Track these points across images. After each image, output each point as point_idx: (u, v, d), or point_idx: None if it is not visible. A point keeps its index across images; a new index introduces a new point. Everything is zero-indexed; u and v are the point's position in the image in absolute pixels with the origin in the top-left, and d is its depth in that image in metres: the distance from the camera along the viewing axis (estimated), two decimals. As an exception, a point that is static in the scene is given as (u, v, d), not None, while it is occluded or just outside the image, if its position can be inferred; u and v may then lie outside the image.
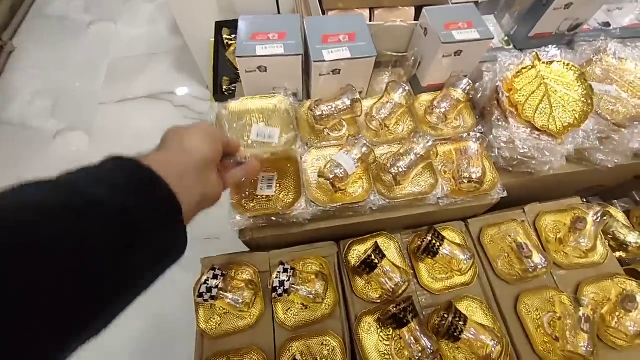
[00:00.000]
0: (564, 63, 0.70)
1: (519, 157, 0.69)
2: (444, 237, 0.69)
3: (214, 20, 1.21)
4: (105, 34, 1.85)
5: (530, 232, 0.73)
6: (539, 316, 0.67)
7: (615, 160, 0.73)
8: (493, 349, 0.59)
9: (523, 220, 0.76)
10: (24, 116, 1.56)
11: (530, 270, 0.68)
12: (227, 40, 1.20)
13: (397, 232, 0.76)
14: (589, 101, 0.67)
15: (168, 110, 1.56)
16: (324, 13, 0.79)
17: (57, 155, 1.45)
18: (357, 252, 0.72)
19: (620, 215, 0.85)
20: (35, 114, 1.56)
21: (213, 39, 1.22)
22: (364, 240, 0.73)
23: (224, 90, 1.13)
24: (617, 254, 0.80)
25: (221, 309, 0.66)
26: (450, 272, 0.71)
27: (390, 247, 0.73)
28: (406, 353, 0.61)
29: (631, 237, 0.78)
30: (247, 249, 0.77)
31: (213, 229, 1.24)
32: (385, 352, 0.63)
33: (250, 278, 0.69)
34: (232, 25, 1.18)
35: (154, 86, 1.64)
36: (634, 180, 0.96)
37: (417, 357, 0.58)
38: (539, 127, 0.67)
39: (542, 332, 0.65)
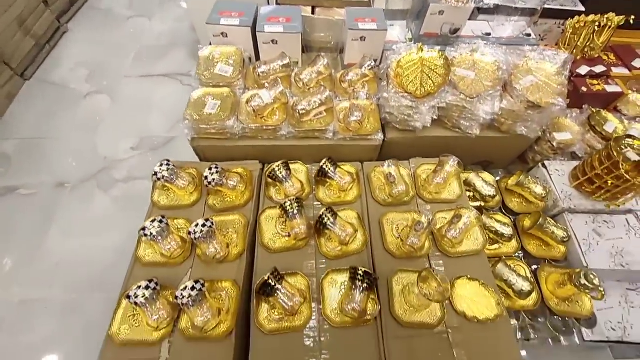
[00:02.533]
0: (437, 51, 0.98)
1: (395, 113, 0.96)
2: (338, 165, 0.94)
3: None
4: (140, 26, 2.29)
5: (402, 171, 0.98)
6: (395, 226, 0.90)
7: (474, 130, 0.99)
8: (350, 235, 0.83)
9: (406, 167, 1.00)
10: (65, 79, 1.96)
11: (394, 193, 0.92)
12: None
13: (310, 163, 1.02)
14: (446, 78, 0.94)
15: (176, 87, 1.93)
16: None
17: (84, 110, 1.82)
18: (274, 170, 0.98)
19: (490, 178, 1.08)
20: (74, 79, 1.96)
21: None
22: (282, 164, 1.00)
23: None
24: (478, 203, 1.03)
25: (170, 189, 0.93)
26: (343, 196, 0.95)
27: (302, 172, 1.00)
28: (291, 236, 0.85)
29: (486, 191, 1.01)
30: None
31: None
32: (275, 232, 0.87)
33: (194, 174, 0.96)
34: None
35: (170, 68, 2.03)
36: (518, 161, 1.19)
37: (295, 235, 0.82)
38: (410, 92, 0.94)
39: (393, 235, 0.89)
